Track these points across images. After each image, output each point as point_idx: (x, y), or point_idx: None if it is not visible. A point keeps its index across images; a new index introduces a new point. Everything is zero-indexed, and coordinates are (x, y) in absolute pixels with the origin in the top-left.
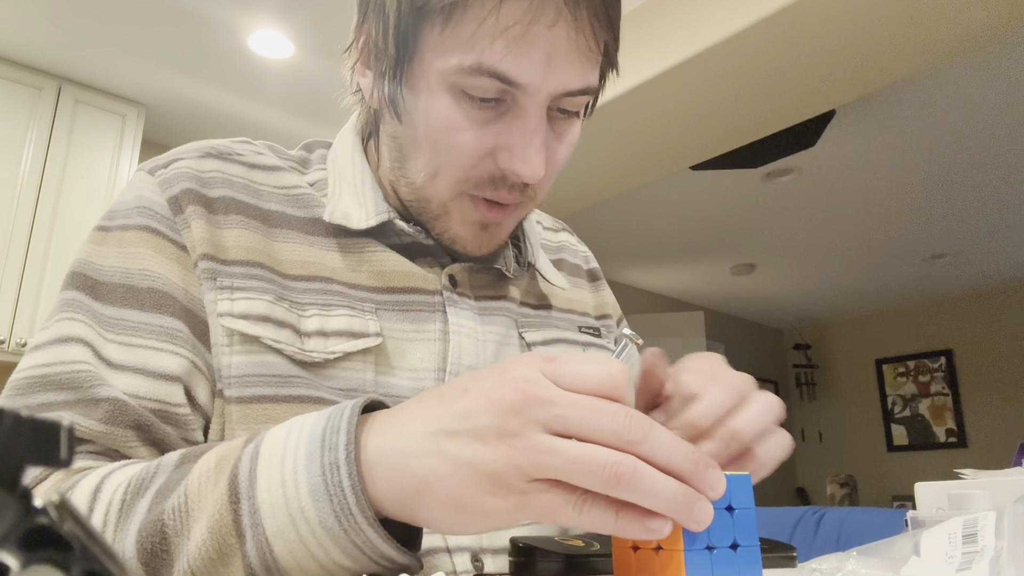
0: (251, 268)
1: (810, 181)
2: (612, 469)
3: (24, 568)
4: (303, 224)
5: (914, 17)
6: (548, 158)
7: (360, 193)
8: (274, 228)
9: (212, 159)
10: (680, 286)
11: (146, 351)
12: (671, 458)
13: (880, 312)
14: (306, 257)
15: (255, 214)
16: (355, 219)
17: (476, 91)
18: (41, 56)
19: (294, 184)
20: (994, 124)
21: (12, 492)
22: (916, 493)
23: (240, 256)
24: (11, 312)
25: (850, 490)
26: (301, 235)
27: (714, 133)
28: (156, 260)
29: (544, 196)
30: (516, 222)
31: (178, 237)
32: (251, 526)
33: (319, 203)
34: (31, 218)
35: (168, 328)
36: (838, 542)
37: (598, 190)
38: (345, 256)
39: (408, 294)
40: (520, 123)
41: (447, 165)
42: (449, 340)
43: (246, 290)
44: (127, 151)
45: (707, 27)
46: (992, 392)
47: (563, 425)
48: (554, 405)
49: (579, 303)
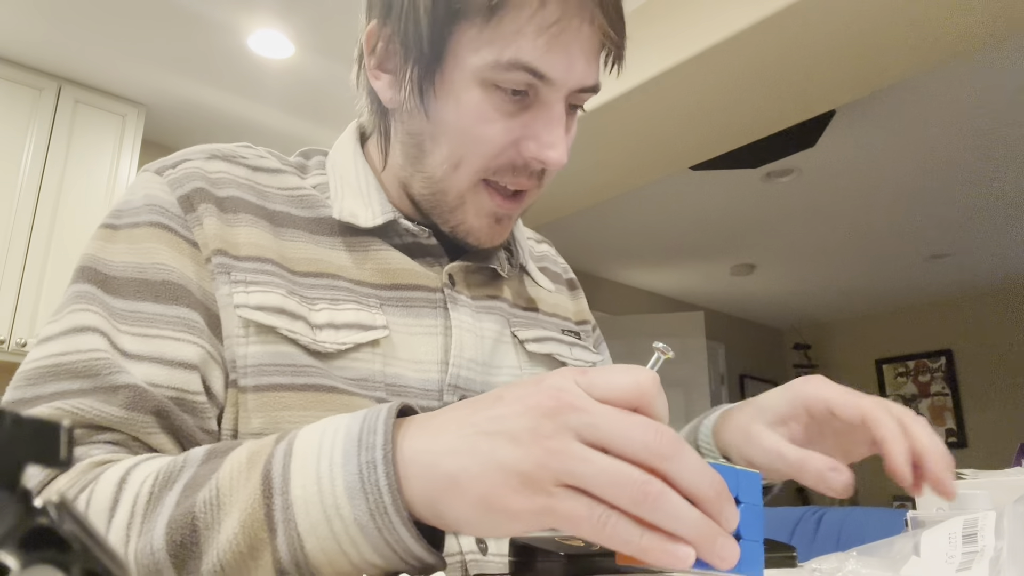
0: (263, 264)
1: (810, 181)
2: (641, 487)
3: (24, 568)
4: (308, 224)
5: (914, 17)
6: None
7: (364, 194)
8: (280, 227)
9: (219, 161)
10: (680, 286)
11: (163, 340)
12: (698, 482)
13: (880, 312)
14: (313, 255)
15: (262, 214)
16: (362, 218)
17: (507, 84)
18: (41, 56)
19: (297, 186)
20: (994, 124)
21: (12, 492)
22: None
23: (252, 252)
24: (11, 312)
25: None
26: (307, 234)
27: (714, 133)
28: (169, 254)
29: (545, 188)
30: (520, 214)
31: (190, 234)
32: (283, 521)
33: (324, 203)
34: (31, 218)
35: (185, 319)
36: (838, 542)
37: (598, 190)
38: (350, 254)
39: (411, 291)
40: (545, 113)
41: (472, 155)
42: (451, 334)
43: (260, 284)
44: (127, 151)
45: (707, 27)
46: (992, 392)
47: (594, 434)
48: (587, 414)
49: (562, 308)
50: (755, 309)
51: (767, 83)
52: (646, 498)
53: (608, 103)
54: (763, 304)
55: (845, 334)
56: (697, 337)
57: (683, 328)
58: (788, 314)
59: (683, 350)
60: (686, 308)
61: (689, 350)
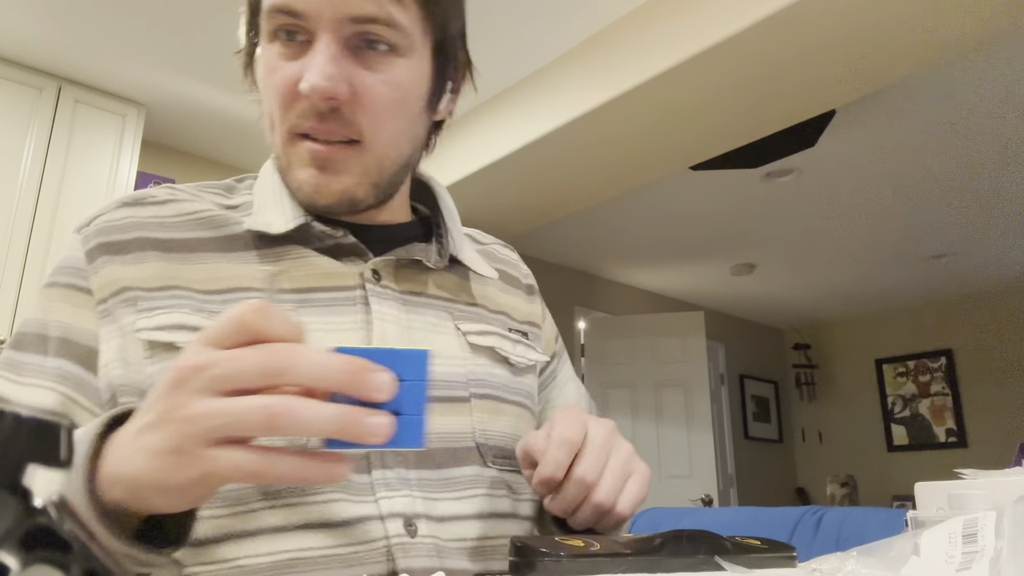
0: (170, 291)
1: (810, 181)
2: (263, 411)
3: (24, 568)
4: (218, 243)
5: (914, 17)
6: (355, 84)
7: (280, 203)
8: (189, 253)
9: (126, 207)
10: (680, 286)
11: (29, 388)
12: (323, 376)
13: (880, 312)
14: (224, 273)
15: (167, 246)
16: (275, 225)
17: (276, 28)
18: (41, 56)
19: (204, 209)
20: (994, 124)
21: (12, 492)
22: (916, 493)
23: (159, 283)
24: (11, 312)
25: (850, 490)
26: (217, 254)
27: (714, 133)
28: (68, 312)
29: (382, 141)
30: (361, 170)
31: (87, 284)
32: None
33: (236, 221)
34: (31, 218)
35: (61, 370)
36: (838, 542)
37: (598, 190)
38: (266, 265)
39: (330, 291)
40: (312, 49)
41: (273, 108)
42: (372, 327)
43: (164, 308)
44: (127, 151)
45: (707, 27)
46: (992, 392)
47: (223, 384)
48: (208, 369)
49: (511, 308)
50: (755, 309)
51: (767, 83)
52: (273, 419)
53: (608, 103)
54: (763, 304)
55: (845, 334)
56: (697, 337)
57: (683, 328)
58: (788, 314)
59: (683, 350)
60: (686, 308)
61: (689, 350)
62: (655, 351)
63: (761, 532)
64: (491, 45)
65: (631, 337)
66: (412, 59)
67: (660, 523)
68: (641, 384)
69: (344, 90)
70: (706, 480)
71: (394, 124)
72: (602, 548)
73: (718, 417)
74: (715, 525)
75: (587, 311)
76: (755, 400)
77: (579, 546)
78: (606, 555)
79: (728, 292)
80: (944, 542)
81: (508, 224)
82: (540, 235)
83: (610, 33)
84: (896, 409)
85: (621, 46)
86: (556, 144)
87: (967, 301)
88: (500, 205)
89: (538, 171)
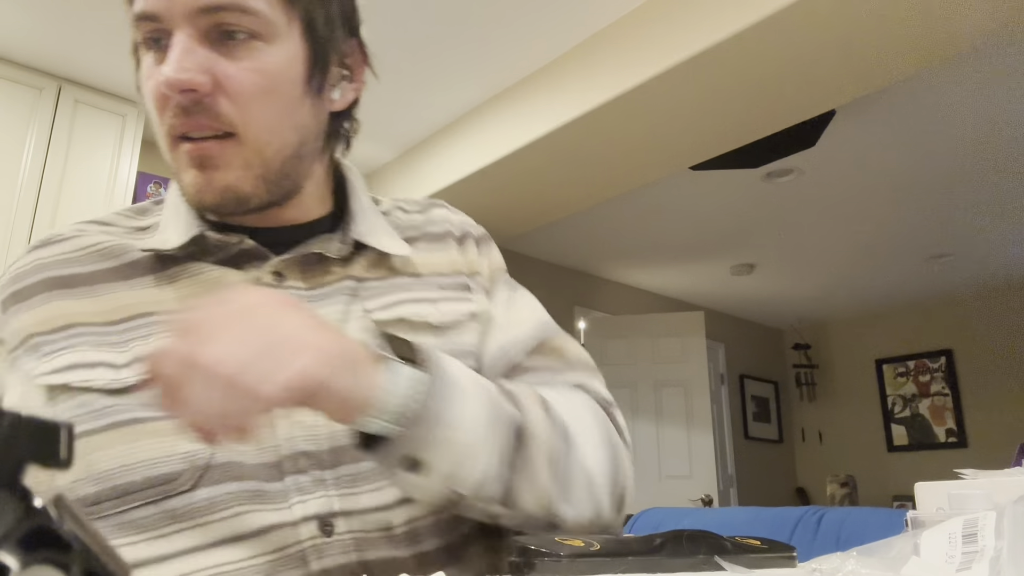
0: (70, 329)
1: (810, 181)
2: None
3: (24, 568)
4: (120, 272)
5: (914, 17)
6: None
7: (178, 217)
8: (91, 286)
9: (34, 251)
10: (680, 286)
11: None
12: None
13: (880, 312)
14: (124, 301)
15: (71, 283)
16: (171, 241)
17: (143, 36)
18: (41, 56)
19: (106, 240)
20: (994, 124)
21: (12, 492)
22: (916, 493)
23: (60, 323)
24: None
25: (850, 490)
26: (119, 282)
27: (714, 133)
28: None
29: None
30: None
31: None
32: None
33: (134, 248)
34: (31, 218)
35: None
36: (838, 542)
37: (598, 190)
38: (166, 287)
39: None
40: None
41: (154, 116)
42: None
43: (62, 349)
44: (127, 151)
45: (707, 27)
46: (992, 392)
47: None
48: None
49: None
50: (755, 309)
51: (767, 83)
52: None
53: (608, 103)
54: (763, 304)
55: (845, 334)
56: (697, 337)
57: (683, 328)
58: (788, 314)
59: (683, 350)
60: (686, 308)
61: (689, 350)
62: (655, 351)
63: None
64: (491, 45)
65: (631, 337)
66: (277, 44)
67: (660, 523)
68: (641, 384)
69: (202, 80)
70: (706, 480)
71: (266, 112)
72: (602, 548)
73: (718, 417)
74: (715, 525)
75: (587, 311)
76: (755, 400)
77: (579, 546)
78: (606, 555)
79: (728, 292)
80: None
81: (508, 224)
82: (540, 235)
83: (610, 33)
84: (896, 409)
85: (621, 46)
86: (556, 144)
87: (967, 301)
88: (500, 205)
89: (538, 171)
